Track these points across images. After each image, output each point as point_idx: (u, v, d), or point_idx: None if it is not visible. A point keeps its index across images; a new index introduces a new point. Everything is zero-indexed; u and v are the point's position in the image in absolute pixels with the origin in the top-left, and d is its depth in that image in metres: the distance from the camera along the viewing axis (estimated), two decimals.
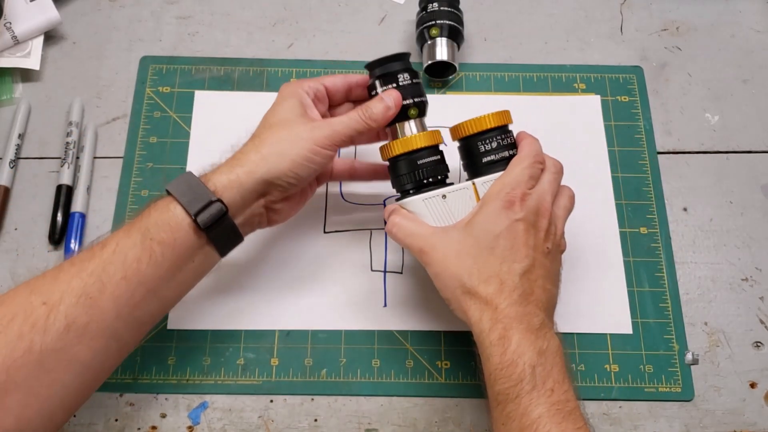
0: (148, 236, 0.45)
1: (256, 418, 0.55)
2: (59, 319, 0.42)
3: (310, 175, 0.49)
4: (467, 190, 0.50)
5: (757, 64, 0.70)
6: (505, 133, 0.52)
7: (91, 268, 0.44)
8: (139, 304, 0.45)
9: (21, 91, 0.67)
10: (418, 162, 0.51)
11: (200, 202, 0.46)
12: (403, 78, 0.52)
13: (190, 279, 0.49)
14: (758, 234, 0.63)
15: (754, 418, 0.56)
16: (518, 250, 0.46)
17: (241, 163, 0.48)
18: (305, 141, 0.48)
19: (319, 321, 0.58)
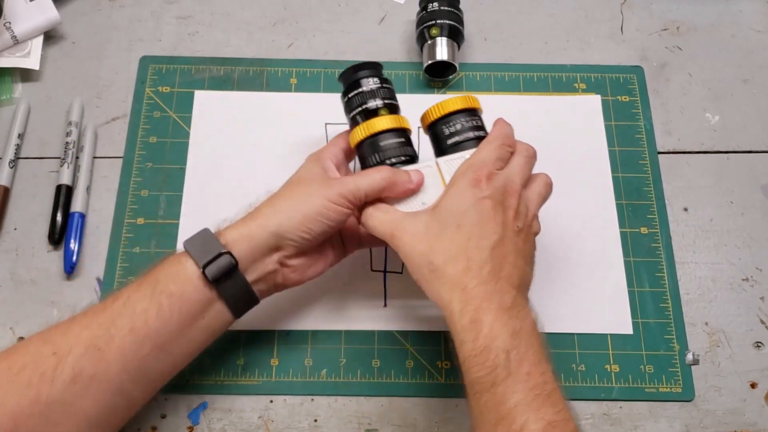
0: (158, 288, 0.45)
1: (256, 418, 0.55)
2: (66, 370, 0.42)
3: (324, 232, 0.48)
4: (430, 168, 0.50)
5: (757, 64, 0.70)
6: (471, 116, 0.52)
7: (101, 319, 0.44)
8: (146, 358, 0.44)
9: (21, 91, 0.66)
10: (380, 143, 0.51)
11: (210, 254, 0.46)
12: (373, 82, 0.53)
13: (201, 337, 0.47)
14: (758, 234, 0.63)
15: (755, 418, 0.56)
16: (485, 226, 0.44)
17: (254, 217, 0.48)
18: (318, 197, 0.48)
19: (319, 321, 0.58)
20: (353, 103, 0.53)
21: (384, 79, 0.54)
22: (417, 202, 0.50)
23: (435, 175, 0.50)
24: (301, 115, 0.66)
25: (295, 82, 0.68)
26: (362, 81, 0.53)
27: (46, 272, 0.59)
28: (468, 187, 0.46)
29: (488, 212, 0.45)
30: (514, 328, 0.42)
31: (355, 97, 0.53)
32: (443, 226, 0.45)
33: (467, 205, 0.45)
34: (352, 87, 0.53)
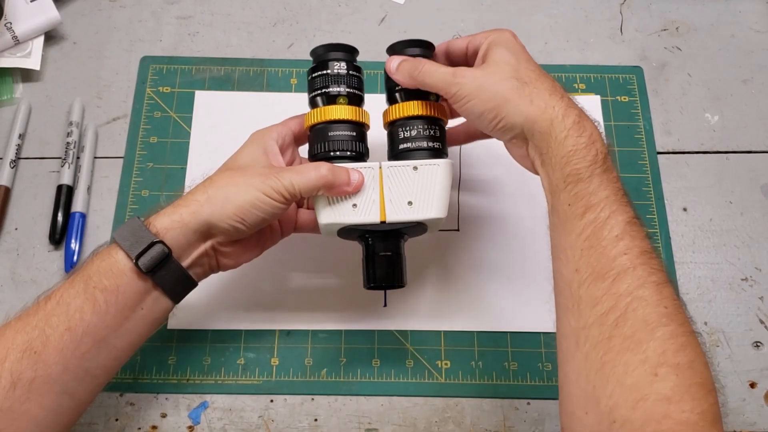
0: (91, 284, 0.44)
1: (256, 417, 0.55)
2: (4, 377, 0.41)
3: (258, 223, 0.47)
4: (372, 169, 0.49)
5: (757, 64, 0.70)
6: (431, 124, 0.50)
7: (34, 321, 0.43)
8: (86, 355, 0.44)
9: (21, 91, 0.67)
10: (330, 133, 0.50)
11: (141, 245, 0.44)
12: (338, 67, 0.51)
13: (141, 327, 0.46)
14: (758, 234, 0.63)
15: (754, 418, 0.56)
16: (543, 71, 0.49)
17: (186, 203, 0.47)
18: (254, 189, 0.46)
19: (319, 321, 0.58)
20: (316, 84, 0.51)
21: (355, 66, 0.52)
22: (349, 203, 0.49)
23: (375, 179, 0.49)
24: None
25: (295, 82, 0.68)
26: (330, 63, 0.51)
27: (46, 272, 0.59)
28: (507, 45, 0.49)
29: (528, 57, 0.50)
30: (602, 135, 0.46)
31: (319, 78, 0.51)
32: (515, 61, 0.48)
33: (514, 54, 0.49)
34: (320, 67, 0.51)
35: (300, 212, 0.55)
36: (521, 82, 0.46)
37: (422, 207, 0.49)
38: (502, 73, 0.47)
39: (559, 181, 0.44)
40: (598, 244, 0.41)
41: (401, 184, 0.49)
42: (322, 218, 0.49)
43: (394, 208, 0.49)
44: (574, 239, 0.42)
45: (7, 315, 0.45)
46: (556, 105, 0.45)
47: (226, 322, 0.58)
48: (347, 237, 0.52)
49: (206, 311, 0.58)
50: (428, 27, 0.71)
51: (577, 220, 0.43)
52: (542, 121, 0.45)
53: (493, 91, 0.46)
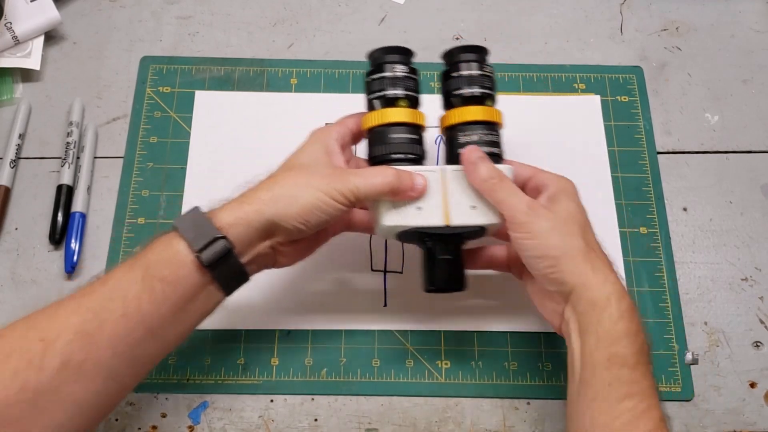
0: (150, 273, 0.43)
1: (256, 417, 0.55)
2: (55, 357, 0.41)
3: (320, 224, 0.48)
4: (434, 173, 0.49)
5: (757, 64, 0.70)
6: (490, 130, 0.51)
7: (89, 304, 0.43)
8: (138, 343, 0.43)
9: (21, 91, 0.67)
10: (390, 135, 0.50)
11: (204, 239, 0.44)
12: (395, 69, 0.51)
13: (192, 319, 0.47)
14: (758, 234, 0.63)
15: (754, 418, 0.56)
16: (596, 239, 0.49)
17: (250, 201, 0.47)
18: (318, 191, 0.46)
19: (319, 321, 0.58)
20: (373, 87, 0.51)
21: (411, 68, 0.52)
22: (412, 206, 0.49)
23: (437, 182, 0.49)
24: (301, 115, 0.66)
25: (295, 82, 0.68)
26: (387, 66, 0.51)
27: (46, 272, 0.59)
28: (576, 201, 0.50)
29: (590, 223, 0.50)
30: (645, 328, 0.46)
31: (377, 81, 0.51)
32: (579, 222, 0.48)
33: (583, 215, 0.49)
34: (377, 70, 0.52)
35: (353, 212, 0.55)
36: (588, 245, 0.47)
37: (486, 211, 0.49)
38: (572, 227, 0.47)
39: (603, 358, 0.44)
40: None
41: (464, 188, 0.49)
42: (385, 220, 0.49)
43: (458, 212, 0.49)
44: (608, 421, 0.43)
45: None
46: (615, 283, 0.46)
47: (226, 322, 0.58)
48: (406, 239, 0.52)
49: None
50: (428, 27, 0.71)
51: (615, 403, 0.43)
52: (599, 294, 0.45)
53: (561, 242, 0.46)
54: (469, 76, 0.52)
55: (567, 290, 0.46)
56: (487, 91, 0.52)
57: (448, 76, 0.53)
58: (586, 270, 0.46)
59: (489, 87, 0.52)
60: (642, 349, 0.44)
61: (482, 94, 0.51)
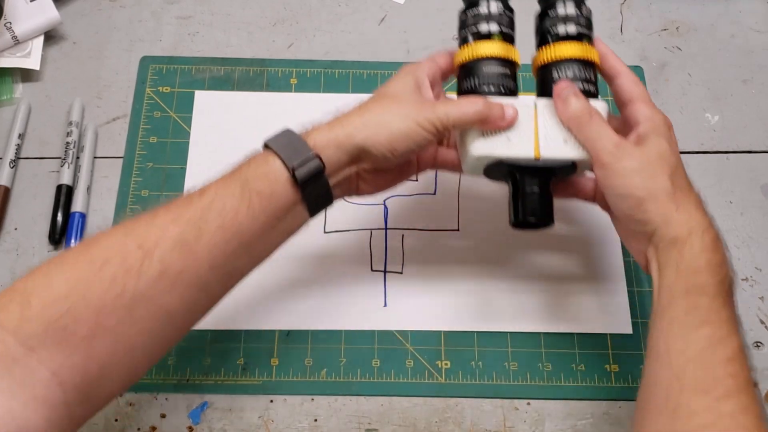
0: (248, 187, 0.44)
1: (256, 418, 0.55)
2: (154, 265, 0.41)
3: (406, 153, 0.48)
4: (528, 107, 0.49)
5: (757, 64, 0.70)
6: (585, 66, 0.50)
7: (188, 215, 0.42)
8: (231, 256, 0.44)
9: (21, 91, 0.67)
10: (482, 68, 0.49)
11: (299, 157, 0.45)
12: (489, 5, 0.51)
13: (279, 237, 0.47)
14: (758, 234, 0.63)
15: None
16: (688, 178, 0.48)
17: (342, 125, 0.47)
18: (408, 118, 0.47)
19: (319, 321, 0.58)
20: (467, 22, 0.51)
21: (508, 6, 0.52)
22: (503, 136, 0.48)
23: (529, 115, 0.49)
24: (301, 115, 0.65)
25: (295, 82, 0.68)
26: (483, 1, 0.51)
27: None
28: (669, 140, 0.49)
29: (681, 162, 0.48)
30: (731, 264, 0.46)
31: (471, 16, 0.50)
32: (672, 161, 0.47)
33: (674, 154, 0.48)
34: (472, 5, 0.51)
35: (440, 149, 0.55)
36: (675, 186, 0.46)
37: (577, 146, 0.48)
38: (659, 167, 0.46)
39: (681, 288, 0.44)
40: (708, 359, 0.41)
41: (555, 122, 0.49)
42: (474, 150, 0.48)
43: (548, 145, 0.48)
44: (684, 347, 0.42)
45: None
46: (699, 218, 0.45)
47: (226, 322, 0.58)
48: (494, 175, 0.51)
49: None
50: (428, 27, 0.71)
51: (692, 330, 0.42)
52: (682, 228, 0.45)
53: (647, 182, 0.46)
54: (565, 15, 0.51)
55: (650, 230, 0.45)
56: (583, 30, 0.51)
57: (544, 15, 0.52)
58: (670, 210, 0.45)
59: (586, 26, 0.51)
60: (724, 281, 0.44)
61: (578, 33, 0.50)
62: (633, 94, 0.50)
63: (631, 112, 0.50)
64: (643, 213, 0.45)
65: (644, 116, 0.49)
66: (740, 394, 0.40)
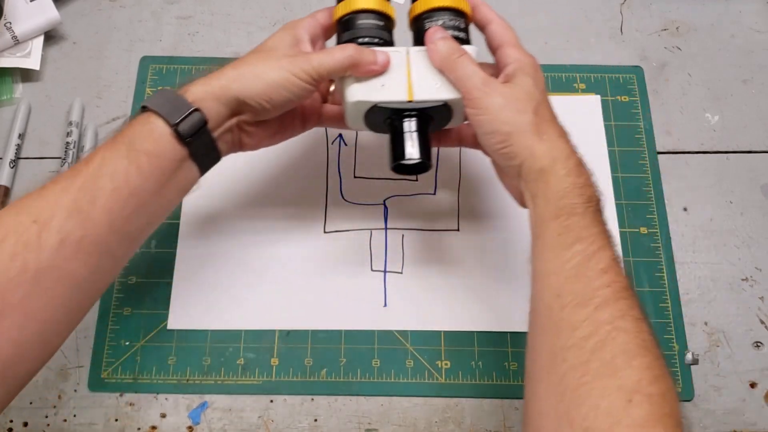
0: (134, 148, 0.44)
1: (256, 418, 0.55)
2: (52, 236, 0.41)
3: (284, 103, 0.49)
4: (399, 53, 0.50)
5: (757, 64, 0.70)
6: (456, 16, 0.51)
7: (79, 183, 0.43)
8: (130, 217, 0.44)
9: (21, 91, 0.67)
10: (357, 21, 0.51)
11: (180, 113, 0.45)
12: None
13: (173, 195, 0.47)
14: (758, 234, 0.63)
15: (754, 418, 0.56)
16: (554, 112, 0.49)
17: (217, 77, 0.47)
18: (282, 69, 0.48)
19: (319, 321, 0.58)
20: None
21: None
22: (377, 83, 0.49)
23: (402, 61, 0.50)
24: None
25: None
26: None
27: None
28: (534, 78, 0.49)
29: (547, 97, 0.50)
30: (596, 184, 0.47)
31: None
32: (533, 98, 0.48)
33: (539, 90, 0.49)
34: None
35: (324, 105, 0.56)
36: (538, 119, 0.47)
37: (448, 88, 0.50)
38: (524, 102, 0.48)
39: (551, 213, 0.45)
40: (583, 274, 0.42)
41: (428, 67, 0.50)
42: (350, 96, 0.50)
43: (421, 87, 0.50)
44: (560, 266, 0.43)
45: None
46: (561, 147, 0.47)
47: (226, 322, 0.58)
48: (373, 124, 0.52)
49: (206, 311, 0.58)
50: None
51: (565, 249, 0.43)
52: (546, 159, 0.46)
53: (512, 116, 0.47)
54: None
55: (518, 164, 0.47)
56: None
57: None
58: (533, 142, 0.46)
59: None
60: (591, 199, 0.45)
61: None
62: (503, 39, 0.51)
63: (500, 56, 0.51)
64: (510, 147, 0.47)
65: (512, 58, 0.50)
66: (617, 301, 0.41)
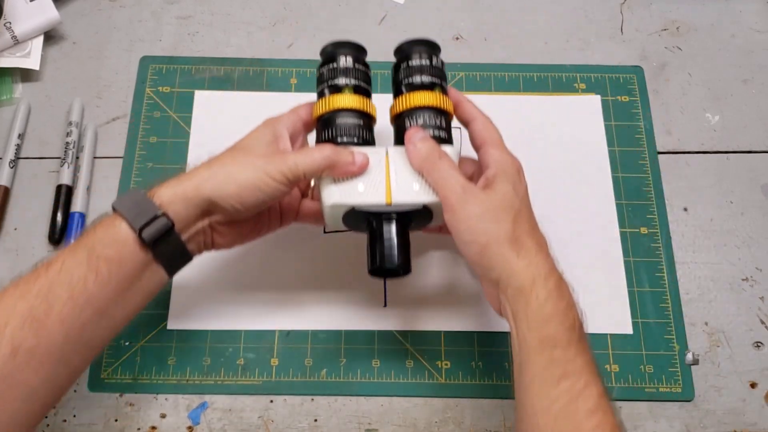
0: (94, 254, 0.43)
1: (256, 418, 0.55)
2: (4, 344, 0.41)
3: (257, 204, 0.47)
4: (378, 154, 0.49)
5: (757, 64, 0.70)
6: (437, 114, 0.51)
7: (36, 289, 0.42)
8: (87, 325, 0.43)
9: (21, 91, 0.67)
10: (337, 120, 0.50)
11: (145, 217, 0.44)
12: (344, 61, 0.52)
13: (138, 299, 0.46)
14: (758, 234, 0.63)
15: (755, 418, 0.56)
16: (536, 223, 0.48)
17: (189, 178, 0.46)
18: (256, 169, 0.46)
19: (319, 321, 0.58)
20: (324, 77, 0.52)
21: (363, 62, 0.53)
22: (355, 184, 0.48)
23: (381, 162, 0.49)
24: None
25: (295, 82, 0.68)
26: (339, 57, 0.52)
27: None
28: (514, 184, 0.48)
29: (528, 204, 0.49)
30: (579, 306, 0.46)
31: (328, 70, 0.52)
32: (510, 207, 0.47)
33: (519, 198, 0.48)
34: (328, 61, 0.52)
35: (303, 202, 0.55)
36: (516, 230, 0.46)
37: (428, 191, 0.49)
38: (502, 211, 0.46)
39: (535, 341, 0.44)
40: (572, 416, 0.42)
41: (407, 169, 0.49)
42: (328, 199, 0.49)
43: (399, 191, 0.49)
44: (547, 406, 0.42)
45: None
46: (539, 264, 0.45)
47: (226, 322, 0.58)
48: (352, 225, 0.51)
49: (206, 311, 0.58)
50: (428, 27, 0.71)
51: (551, 386, 0.43)
52: (525, 277, 0.45)
53: (489, 227, 0.46)
54: (419, 66, 0.52)
55: (495, 276, 0.46)
56: (435, 79, 0.52)
57: (398, 68, 0.53)
58: (511, 256, 0.45)
59: (438, 77, 0.52)
60: (573, 326, 0.44)
61: (431, 83, 0.51)
62: (485, 138, 0.50)
63: (482, 156, 0.50)
64: (487, 259, 0.46)
65: (493, 160, 0.49)
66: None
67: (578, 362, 0.43)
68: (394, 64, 0.54)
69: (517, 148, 0.65)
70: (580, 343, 0.44)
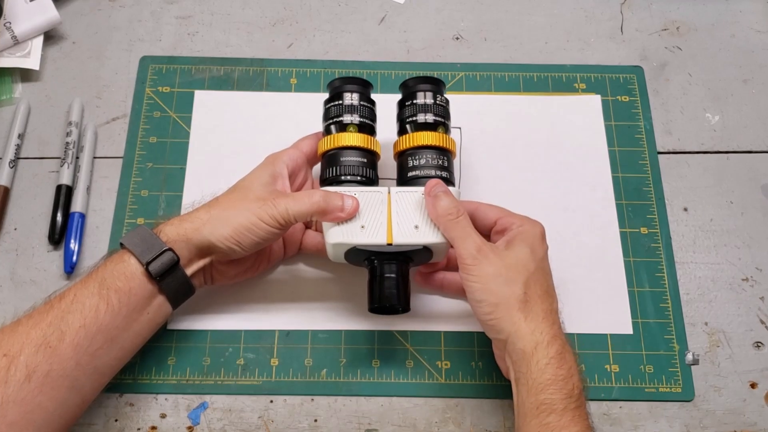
0: (105, 285, 0.47)
1: (256, 418, 0.55)
2: (20, 370, 0.43)
3: (253, 246, 0.50)
4: (380, 194, 0.51)
5: (757, 64, 0.70)
6: (440, 154, 0.53)
7: (49, 318, 0.45)
8: (98, 353, 0.46)
9: (21, 91, 0.66)
10: (341, 158, 0.52)
11: (152, 252, 0.48)
12: (350, 98, 0.54)
13: (145, 330, 0.50)
14: (758, 234, 0.63)
15: (755, 418, 0.56)
16: (550, 286, 0.50)
17: (190, 219, 0.50)
18: (250, 213, 0.49)
19: (319, 321, 0.58)
20: (330, 113, 0.54)
21: (369, 99, 0.55)
22: (357, 224, 0.50)
23: (383, 203, 0.51)
24: (300, 115, 0.66)
25: (295, 82, 0.68)
26: (345, 94, 0.54)
27: (46, 272, 0.59)
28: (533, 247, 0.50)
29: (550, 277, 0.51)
30: (581, 373, 0.48)
31: (334, 107, 0.54)
32: (526, 269, 0.48)
33: (536, 261, 0.49)
34: (335, 97, 0.54)
35: (307, 233, 0.58)
36: (527, 293, 0.47)
37: (428, 232, 0.51)
38: (515, 273, 0.48)
39: (532, 406, 0.45)
40: None
41: (409, 209, 0.51)
42: (330, 238, 0.51)
43: (400, 231, 0.50)
44: None
45: (14, 313, 0.47)
46: (544, 331, 0.47)
47: (226, 323, 0.58)
48: (354, 261, 0.53)
49: (206, 312, 0.58)
50: (428, 27, 0.71)
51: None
52: (528, 341, 0.46)
53: (500, 288, 0.47)
54: (423, 105, 0.54)
55: (503, 338, 0.47)
56: (439, 119, 0.53)
57: (403, 105, 0.55)
58: (518, 319, 0.47)
59: (442, 116, 0.54)
60: (572, 393, 0.45)
61: (435, 122, 0.53)
62: (496, 212, 0.53)
63: (502, 223, 0.52)
64: (497, 320, 0.47)
65: (514, 223, 0.51)
66: None
67: (572, 430, 0.44)
68: (399, 100, 0.56)
69: (517, 148, 0.65)
70: (578, 410, 0.45)
